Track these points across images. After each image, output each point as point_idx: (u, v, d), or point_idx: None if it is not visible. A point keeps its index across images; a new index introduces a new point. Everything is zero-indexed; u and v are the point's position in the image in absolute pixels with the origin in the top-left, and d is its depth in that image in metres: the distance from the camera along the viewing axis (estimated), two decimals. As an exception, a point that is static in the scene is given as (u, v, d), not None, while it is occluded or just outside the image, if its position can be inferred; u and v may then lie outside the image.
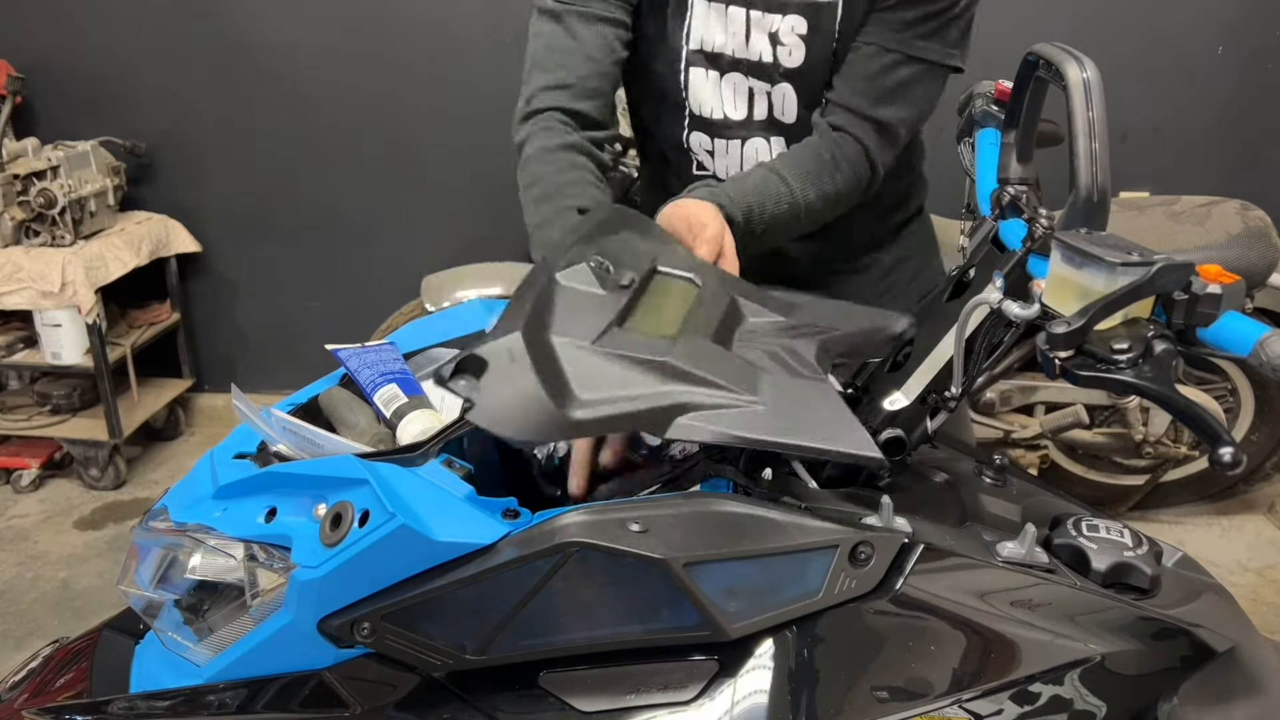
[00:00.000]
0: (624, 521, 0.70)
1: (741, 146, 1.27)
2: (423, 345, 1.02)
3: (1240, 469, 0.61)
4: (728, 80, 1.23)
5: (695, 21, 1.21)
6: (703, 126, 1.28)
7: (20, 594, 2.46)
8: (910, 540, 0.77)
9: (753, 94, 1.23)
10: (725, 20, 1.19)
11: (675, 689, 0.72)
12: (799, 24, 1.17)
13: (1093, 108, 0.76)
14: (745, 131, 1.26)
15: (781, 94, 1.23)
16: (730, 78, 1.23)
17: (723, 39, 1.20)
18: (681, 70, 1.24)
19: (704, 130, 1.28)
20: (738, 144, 1.27)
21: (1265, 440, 2.61)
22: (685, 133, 1.30)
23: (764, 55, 1.20)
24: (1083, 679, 0.77)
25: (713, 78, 1.24)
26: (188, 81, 3.02)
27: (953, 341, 0.81)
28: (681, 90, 1.26)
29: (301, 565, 0.70)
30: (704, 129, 1.28)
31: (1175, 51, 2.68)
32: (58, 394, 3.00)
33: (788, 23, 1.17)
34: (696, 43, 1.22)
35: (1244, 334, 0.65)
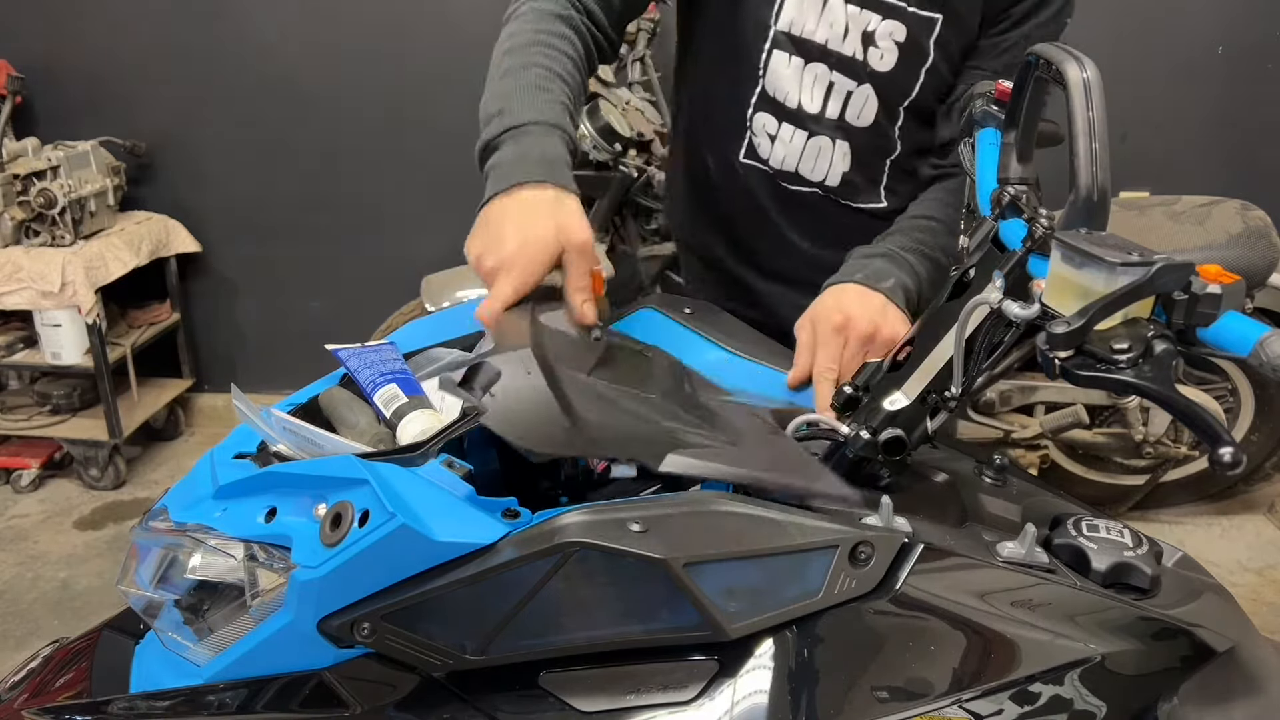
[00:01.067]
0: (624, 521, 0.70)
1: (806, 140, 1.24)
2: (423, 345, 1.02)
3: (1240, 469, 0.61)
4: (810, 69, 1.20)
5: (788, 2, 1.18)
6: (772, 108, 1.25)
7: (20, 594, 2.46)
8: (910, 540, 0.77)
9: (832, 88, 1.21)
10: (822, 9, 1.17)
11: (675, 689, 0.72)
12: (898, 30, 1.16)
13: (1093, 108, 0.76)
14: (815, 125, 1.24)
15: (864, 95, 1.21)
16: (813, 67, 1.20)
17: (814, 26, 1.18)
18: (765, 50, 1.21)
19: (772, 112, 1.25)
20: (803, 136, 1.24)
21: (1265, 440, 2.61)
22: (751, 110, 1.26)
23: (856, 53, 1.18)
24: (1083, 679, 0.77)
25: (795, 64, 1.20)
26: (188, 81, 3.02)
27: (953, 341, 0.81)
28: (759, 69, 1.22)
29: (301, 565, 0.70)
30: (773, 111, 1.25)
31: (1175, 51, 2.68)
32: (58, 394, 3.00)
33: (886, 26, 1.16)
34: (786, 24, 1.19)
35: (1244, 334, 0.65)
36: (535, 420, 0.72)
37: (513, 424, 0.71)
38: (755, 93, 1.24)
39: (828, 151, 1.25)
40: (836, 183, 1.27)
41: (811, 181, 1.28)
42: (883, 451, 0.84)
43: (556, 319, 0.86)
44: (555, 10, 1.12)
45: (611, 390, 0.79)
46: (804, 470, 0.80)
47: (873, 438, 0.84)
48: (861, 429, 0.85)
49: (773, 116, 1.25)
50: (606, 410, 0.77)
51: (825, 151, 1.25)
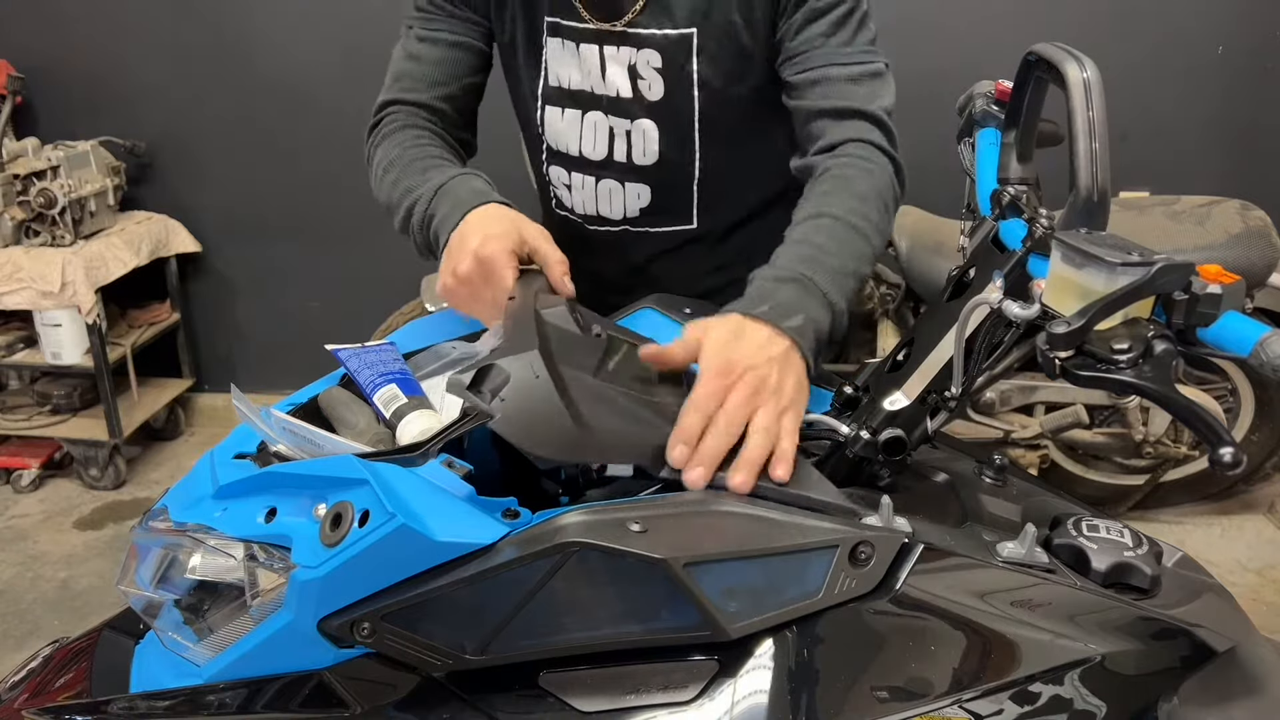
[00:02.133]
0: (624, 521, 0.70)
1: (595, 184, 1.27)
2: (423, 345, 1.03)
3: (1241, 469, 0.61)
4: (589, 119, 1.22)
5: (550, 59, 1.21)
6: (560, 160, 1.28)
7: (20, 594, 2.46)
8: (910, 540, 0.77)
9: (613, 134, 1.22)
10: (578, 58, 1.19)
11: (675, 689, 0.72)
12: (653, 57, 1.16)
13: (1093, 107, 0.76)
14: (601, 171, 1.25)
15: (642, 131, 1.21)
16: (591, 116, 1.22)
17: (578, 76, 1.20)
18: (538, 108, 1.25)
19: (561, 165, 1.28)
20: (592, 181, 1.27)
21: (1265, 440, 2.61)
22: (545, 165, 1.31)
23: (622, 90, 1.19)
24: (1083, 679, 0.77)
25: (571, 116, 1.23)
26: (188, 81, 3.02)
27: (953, 341, 0.81)
28: (539, 126, 1.26)
29: (301, 565, 0.70)
30: (561, 163, 1.28)
31: (1175, 51, 2.68)
32: (58, 394, 3.00)
33: (643, 56, 1.16)
34: (554, 79, 1.22)
35: (1244, 334, 0.65)
36: (542, 425, 0.72)
37: (521, 429, 0.72)
38: (543, 149, 1.29)
39: (619, 191, 1.26)
40: (637, 215, 1.28)
41: (613, 220, 1.29)
42: (883, 451, 0.84)
43: (559, 316, 0.86)
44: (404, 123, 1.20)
45: (615, 393, 0.79)
46: (801, 480, 0.80)
47: (873, 438, 0.84)
48: (861, 429, 0.85)
49: (562, 168, 1.29)
50: (611, 414, 0.77)
51: (616, 191, 1.26)
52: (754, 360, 0.84)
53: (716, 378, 0.82)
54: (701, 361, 0.83)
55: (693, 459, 0.78)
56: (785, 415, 0.83)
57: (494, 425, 0.71)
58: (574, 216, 1.33)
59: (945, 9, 2.68)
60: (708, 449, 0.79)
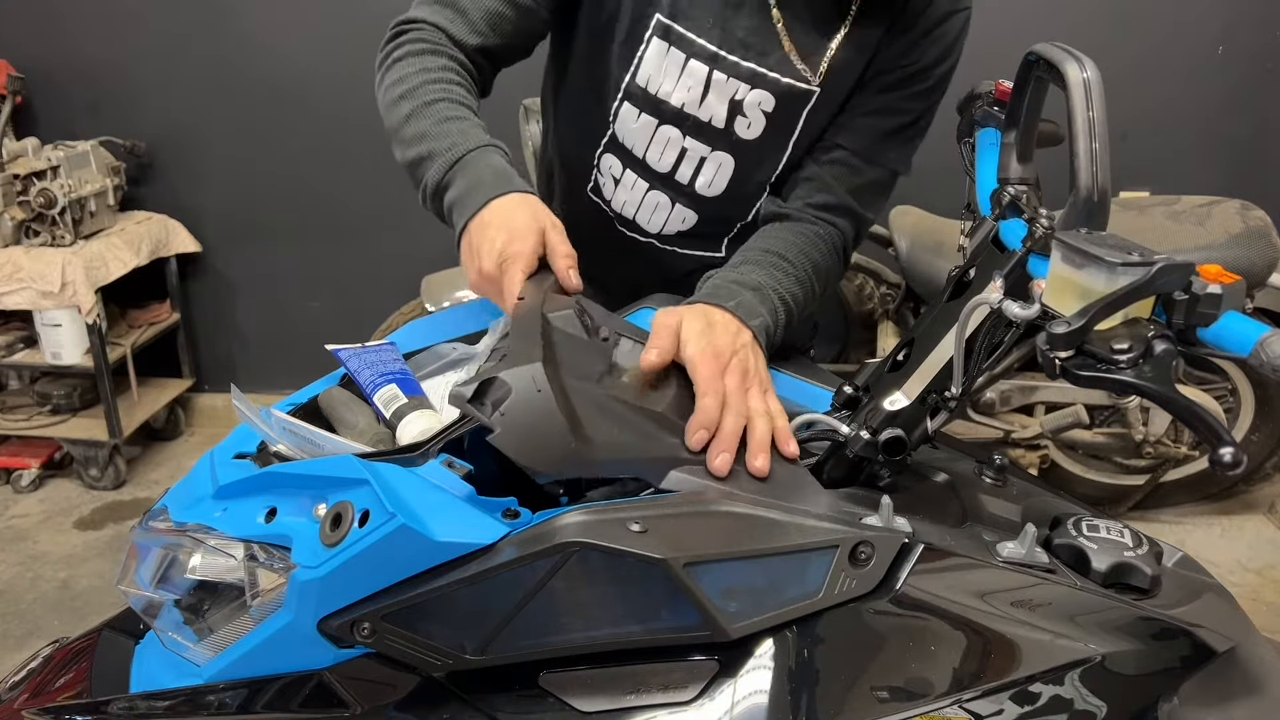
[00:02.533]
0: (624, 521, 0.70)
1: (646, 191, 1.22)
2: (423, 345, 1.03)
3: (1241, 469, 0.61)
4: (663, 131, 1.17)
5: (647, 59, 1.13)
6: (620, 153, 1.22)
7: (20, 594, 2.46)
8: (910, 540, 0.77)
9: (684, 154, 1.18)
10: (681, 71, 1.12)
11: (675, 689, 0.72)
12: (766, 100, 1.12)
13: (1093, 108, 0.76)
14: (659, 184, 1.21)
15: (718, 163, 1.17)
16: (666, 130, 1.17)
17: (671, 88, 1.13)
18: (616, 100, 1.17)
19: (619, 157, 1.23)
20: (644, 186, 1.22)
21: (1265, 440, 2.61)
22: (600, 150, 1.24)
23: (716, 119, 1.14)
24: (1083, 679, 0.77)
25: (645, 121, 1.17)
26: (188, 81, 3.02)
27: (953, 342, 0.81)
28: (610, 115, 1.19)
29: (301, 565, 0.70)
30: (620, 155, 1.22)
31: (1175, 51, 2.68)
32: (58, 394, 3.00)
33: (755, 95, 1.12)
34: (643, 80, 1.14)
35: (1244, 334, 0.65)
36: (541, 440, 0.72)
37: (519, 444, 0.72)
38: (606, 135, 1.22)
39: (665, 209, 1.23)
40: (673, 235, 1.26)
41: (647, 233, 1.26)
42: (883, 452, 0.84)
43: (567, 320, 0.86)
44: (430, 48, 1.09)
45: (618, 405, 0.79)
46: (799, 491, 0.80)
47: (873, 438, 0.84)
48: (861, 429, 0.85)
49: (619, 160, 1.23)
50: (611, 425, 0.77)
51: (663, 208, 1.23)
52: (734, 345, 0.90)
53: (711, 361, 0.86)
54: (687, 350, 0.87)
55: (715, 444, 0.81)
56: (770, 396, 0.90)
57: (493, 440, 0.71)
58: (607, 211, 1.28)
59: (945, 9, 2.68)
60: (727, 431, 0.82)
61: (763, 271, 1.06)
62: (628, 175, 1.22)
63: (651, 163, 1.20)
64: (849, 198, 1.16)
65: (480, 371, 0.76)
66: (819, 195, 1.16)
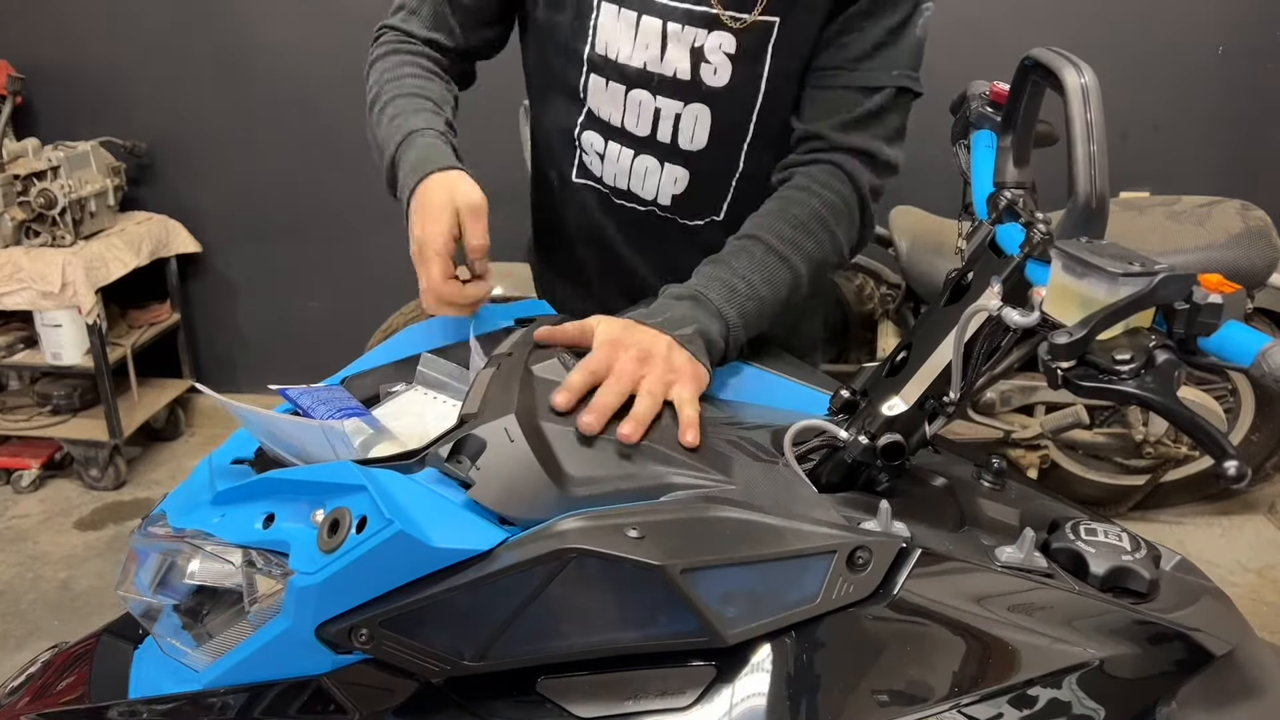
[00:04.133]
0: (621, 528, 0.70)
1: (633, 159, 1.20)
2: (420, 350, 1.03)
3: (1245, 482, 0.61)
4: (634, 95, 1.15)
5: (601, 26, 1.12)
6: (599, 127, 1.20)
7: (20, 594, 2.46)
8: (908, 545, 0.77)
9: (658, 115, 1.15)
10: (636, 30, 1.10)
11: (673, 695, 0.72)
12: (727, 41, 1.09)
13: (1091, 113, 0.76)
14: (643, 147, 1.19)
15: (694, 115, 1.14)
16: (636, 94, 1.14)
17: (630, 49, 1.11)
18: (582, 74, 1.17)
19: (599, 131, 1.21)
20: (630, 154, 1.20)
21: (1265, 440, 2.61)
22: (578, 129, 1.23)
23: (680, 72, 1.11)
24: (1081, 683, 0.77)
25: (615, 89, 1.15)
26: (188, 81, 3.02)
27: (950, 347, 0.81)
28: (580, 91, 1.18)
29: (299, 571, 0.70)
30: (599, 129, 1.21)
31: (1175, 51, 2.68)
32: (58, 394, 3.00)
33: (714, 39, 1.09)
34: (601, 48, 1.13)
35: (1246, 344, 0.65)
36: (520, 489, 0.73)
37: (498, 496, 0.72)
38: (581, 112, 1.21)
39: (655, 172, 1.20)
40: (667, 202, 1.22)
41: (644, 200, 1.23)
42: (881, 457, 0.84)
43: (550, 369, 0.87)
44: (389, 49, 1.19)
45: (601, 442, 0.80)
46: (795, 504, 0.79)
47: (871, 443, 0.84)
48: (859, 434, 0.85)
49: (599, 135, 1.21)
50: (595, 464, 0.77)
51: (653, 172, 1.20)
52: (642, 340, 0.90)
53: (605, 348, 0.88)
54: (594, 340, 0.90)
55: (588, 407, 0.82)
56: (676, 385, 0.88)
57: (472, 494, 0.72)
58: (600, 187, 1.26)
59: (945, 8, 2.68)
60: (600, 401, 0.83)
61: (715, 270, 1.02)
62: (610, 147, 1.21)
63: (630, 128, 1.18)
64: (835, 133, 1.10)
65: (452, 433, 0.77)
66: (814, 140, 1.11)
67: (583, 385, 0.84)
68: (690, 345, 0.93)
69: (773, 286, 1.03)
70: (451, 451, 0.75)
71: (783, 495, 0.80)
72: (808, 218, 1.06)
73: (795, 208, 1.07)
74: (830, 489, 0.86)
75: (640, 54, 1.11)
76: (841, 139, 1.10)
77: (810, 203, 1.07)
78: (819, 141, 1.11)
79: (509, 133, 2.35)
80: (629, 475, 0.77)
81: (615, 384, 0.84)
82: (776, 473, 0.83)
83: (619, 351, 0.88)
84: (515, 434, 0.75)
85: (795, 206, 1.07)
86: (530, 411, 0.79)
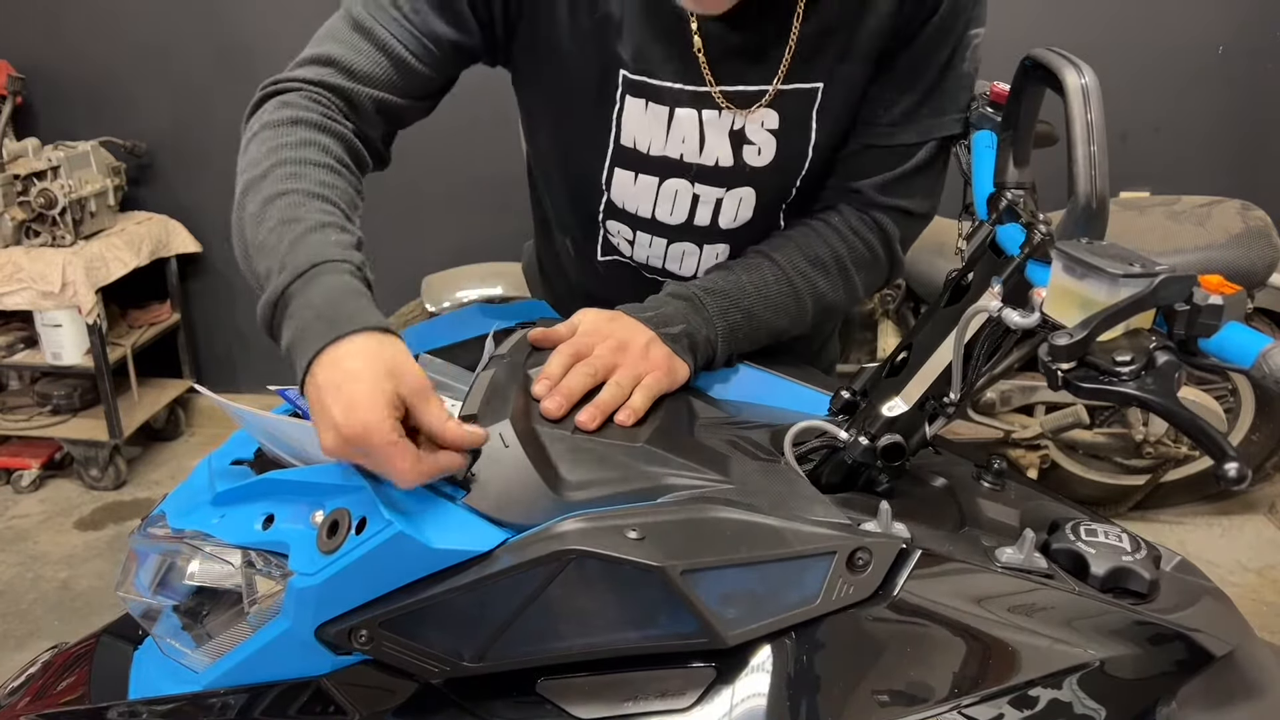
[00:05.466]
0: (621, 529, 0.70)
1: (667, 245, 1.11)
2: (419, 350, 1.03)
3: (1246, 484, 0.61)
4: (669, 186, 1.05)
5: (627, 119, 1.01)
6: (624, 219, 1.10)
7: (20, 594, 2.46)
8: (908, 546, 0.77)
9: (697, 201, 1.06)
10: (669, 123, 1.01)
11: (673, 696, 0.72)
12: (769, 117, 1.01)
13: (1091, 114, 0.76)
14: (678, 235, 1.09)
15: (737, 199, 1.06)
16: (672, 184, 1.05)
17: (664, 142, 1.02)
18: (605, 167, 1.05)
19: (625, 222, 1.11)
20: (663, 243, 1.10)
21: (1265, 440, 2.61)
22: (601, 218, 1.12)
23: (722, 160, 1.03)
24: (1082, 684, 0.77)
25: (646, 182, 1.05)
26: (188, 82, 3.02)
27: (951, 347, 0.81)
28: (603, 185, 1.07)
29: (299, 572, 0.70)
30: (625, 221, 1.10)
31: (1175, 51, 2.68)
32: (58, 394, 3.00)
33: (756, 118, 1.01)
34: (628, 141, 1.03)
35: (1246, 345, 0.64)
36: (515, 494, 0.73)
37: (493, 501, 0.72)
38: (602, 204, 1.10)
39: (694, 254, 1.11)
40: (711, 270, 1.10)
41: (683, 277, 1.12)
42: (881, 457, 0.84)
43: None
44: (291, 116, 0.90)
45: (597, 445, 0.80)
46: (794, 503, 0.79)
47: (871, 444, 0.84)
48: (860, 435, 0.85)
49: (625, 225, 1.11)
50: (591, 467, 0.77)
51: (691, 254, 1.11)
52: (623, 332, 0.91)
53: (585, 336, 0.90)
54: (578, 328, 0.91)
55: (553, 390, 0.83)
56: (648, 378, 0.88)
57: (468, 500, 0.72)
58: (629, 263, 1.16)
59: (945, 8, 2.68)
60: (568, 384, 0.84)
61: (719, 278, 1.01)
62: (640, 236, 1.11)
63: (663, 219, 1.08)
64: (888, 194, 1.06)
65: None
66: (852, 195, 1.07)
67: (560, 371, 0.85)
68: (674, 344, 0.93)
69: (773, 312, 1.02)
70: None
71: (783, 496, 0.79)
72: (829, 258, 1.05)
73: (819, 245, 1.05)
74: (830, 489, 0.86)
75: (677, 146, 1.02)
76: (881, 199, 1.06)
77: (836, 245, 1.05)
78: (857, 198, 1.07)
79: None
80: (625, 477, 0.77)
81: (585, 368, 0.86)
82: (776, 473, 0.83)
83: (596, 340, 0.89)
84: (510, 439, 0.75)
85: (820, 244, 1.05)
86: (525, 416, 0.79)
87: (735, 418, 0.95)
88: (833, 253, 1.05)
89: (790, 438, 0.87)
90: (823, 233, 1.06)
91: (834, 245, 1.05)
